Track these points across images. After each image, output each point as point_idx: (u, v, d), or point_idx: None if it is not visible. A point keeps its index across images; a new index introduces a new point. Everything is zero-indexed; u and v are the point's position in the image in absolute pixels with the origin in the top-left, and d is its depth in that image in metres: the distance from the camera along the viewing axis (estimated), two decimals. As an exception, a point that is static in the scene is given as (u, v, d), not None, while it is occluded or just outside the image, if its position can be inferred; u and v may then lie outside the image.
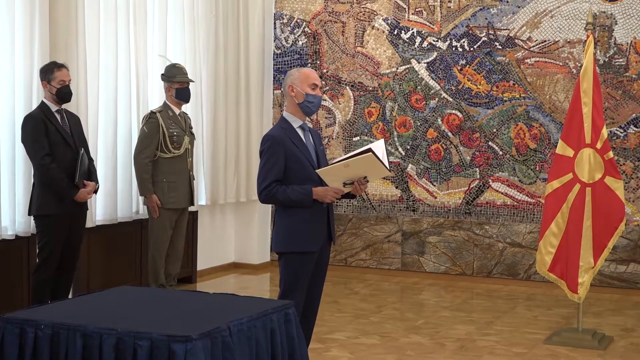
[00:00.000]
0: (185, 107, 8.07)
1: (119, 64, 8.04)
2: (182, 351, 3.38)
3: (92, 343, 3.53)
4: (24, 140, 6.53)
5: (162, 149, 7.64)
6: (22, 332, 3.67)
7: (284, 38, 10.19)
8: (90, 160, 6.84)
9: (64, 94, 6.53)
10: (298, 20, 10.10)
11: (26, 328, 3.67)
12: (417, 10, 9.54)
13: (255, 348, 3.72)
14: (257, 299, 4.11)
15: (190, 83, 7.87)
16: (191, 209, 8.24)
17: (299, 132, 5.28)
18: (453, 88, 9.41)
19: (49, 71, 6.53)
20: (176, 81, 7.73)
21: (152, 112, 7.74)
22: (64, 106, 6.72)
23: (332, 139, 9.96)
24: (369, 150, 4.95)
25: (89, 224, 7.43)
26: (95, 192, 6.87)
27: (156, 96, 8.53)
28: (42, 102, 6.59)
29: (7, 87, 6.93)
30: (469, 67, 9.34)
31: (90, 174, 6.75)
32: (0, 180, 6.85)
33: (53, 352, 3.62)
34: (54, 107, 6.56)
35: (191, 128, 7.97)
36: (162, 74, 7.86)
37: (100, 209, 7.88)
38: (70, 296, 6.98)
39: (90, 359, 3.54)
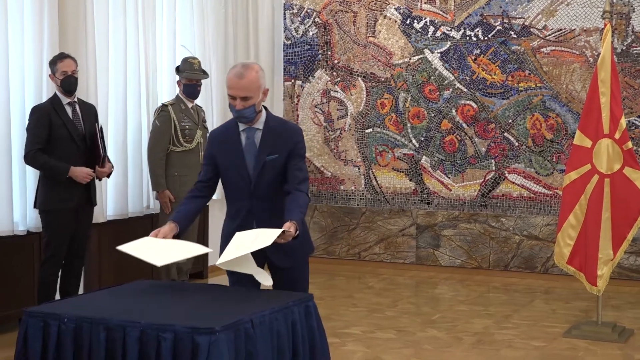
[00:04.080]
0: (196, 100, 7.96)
1: (128, 57, 7.95)
2: (206, 343, 3.37)
3: (115, 336, 3.52)
4: (27, 130, 6.44)
5: (174, 142, 7.57)
6: (45, 326, 3.67)
7: (294, 28, 10.08)
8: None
9: (67, 85, 6.41)
10: (308, 11, 9.99)
11: (49, 322, 3.67)
12: (430, -1, 9.44)
13: (277, 340, 3.72)
14: (277, 292, 4.11)
15: (200, 79, 7.76)
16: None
17: (242, 135, 4.46)
18: (467, 78, 9.29)
19: (53, 63, 6.46)
20: (183, 77, 7.65)
21: (163, 105, 7.66)
22: (79, 96, 6.63)
23: (345, 131, 9.85)
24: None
25: (99, 219, 7.38)
26: (109, 175, 6.76)
27: (166, 89, 8.45)
28: (55, 94, 6.51)
29: (17, 81, 6.86)
30: (483, 57, 9.22)
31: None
32: (12, 175, 6.77)
33: (77, 345, 3.61)
34: (65, 100, 6.46)
35: (204, 122, 7.88)
36: (177, 66, 7.78)
37: (111, 203, 7.81)
38: (81, 291, 6.91)
39: (114, 351, 3.53)
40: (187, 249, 4.27)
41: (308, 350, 3.93)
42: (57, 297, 6.54)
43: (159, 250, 4.13)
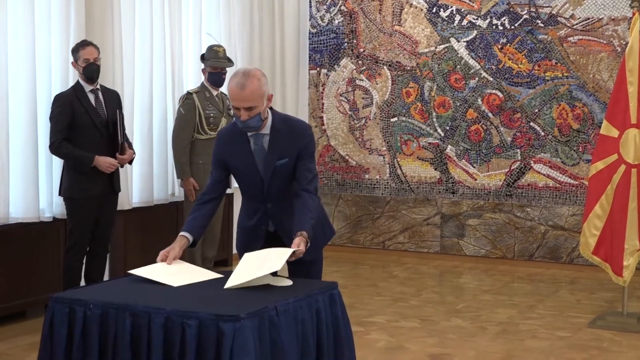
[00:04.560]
0: (223, 88, 7.97)
1: (154, 45, 7.97)
2: (231, 330, 3.38)
3: (140, 322, 3.53)
4: (50, 119, 6.46)
5: (199, 130, 7.58)
6: (71, 312, 3.69)
7: (320, 17, 10.07)
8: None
9: (89, 73, 6.42)
10: (334, -1, 9.98)
11: (75, 308, 3.68)
12: (456, -12, 9.39)
13: (301, 328, 3.72)
14: (302, 280, 4.11)
15: (225, 67, 7.76)
16: (227, 191, 8.16)
17: (250, 140, 4.38)
18: (493, 67, 9.24)
19: (75, 50, 6.47)
20: (208, 65, 7.65)
21: (188, 93, 7.68)
22: (105, 83, 6.64)
23: (370, 119, 9.83)
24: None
25: (125, 206, 7.40)
26: (131, 162, 6.77)
27: (191, 77, 8.46)
28: (77, 81, 6.52)
29: (43, 69, 6.88)
30: (509, 46, 9.17)
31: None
32: (38, 162, 6.81)
33: (102, 331, 3.63)
34: (87, 87, 6.46)
35: (229, 109, 7.88)
36: (202, 54, 7.78)
37: (137, 191, 7.84)
38: (107, 278, 6.95)
39: (139, 337, 3.55)
40: (200, 275, 4.21)
41: (332, 339, 3.92)
42: (83, 283, 6.58)
43: (172, 274, 4.10)
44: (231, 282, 3.94)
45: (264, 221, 4.49)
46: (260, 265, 3.99)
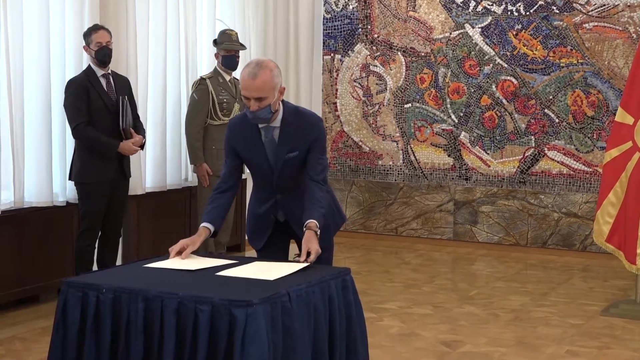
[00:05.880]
0: (236, 73, 7.97)
1: (168, 30, 7.97)
2: (243, 316, 3.38)
3: (153, 307, 3.55)
4: (65, 105, 6.47)
5: (212, 116, 7.58)
6: (84, 296, 3.70)
7: (334, 2, 10.04)
8: (136, 114, 6.75)
9: (101, 56, 6.42)
10: (349, -15, 9.95)
11: (88, 292, 3.70)
12: (471, -27, 9.34)
13: (313, 314, 3.72)
14: (314, 266, 4.08)
15: (241, 50, 7.76)
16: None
17: (262, 132, 4.37)
18: (508, 54, 9.20)
19: (87, 34, 6.47)
20: (222, 48, 7.65)
21: (201, 79, 7.68)
22: (113, 68, 6.65)
23: (383, 105, 9.81)
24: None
25: (138, 191, 7.42)
26: (142, 147, 6.77)
27: (205, 62, 8.46)
28: (89, 66, 6.53)
29: (57, 53, 6.90)
30: (524, 32, 9.12)
31: (137, 128, 6.68)
32: (52, 146, 6.82)
33: (115, 315, 3.64)
34: (99, 72, 6.47)
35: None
36: (214, 39, 7.78)
37: (150, 176, 7.85)
38: (119, 263, 6.96)
39: (151, 322, 3.56)
40: (215, 263, 4.22)
41: (344, 325, 3.92)
42: (95, 268, 6.60)
43: (187, 264, 4.10)
44: (227, 273, 3.94)
45: (273, 210, 4.51)
46: (262, 272, 3.97)
